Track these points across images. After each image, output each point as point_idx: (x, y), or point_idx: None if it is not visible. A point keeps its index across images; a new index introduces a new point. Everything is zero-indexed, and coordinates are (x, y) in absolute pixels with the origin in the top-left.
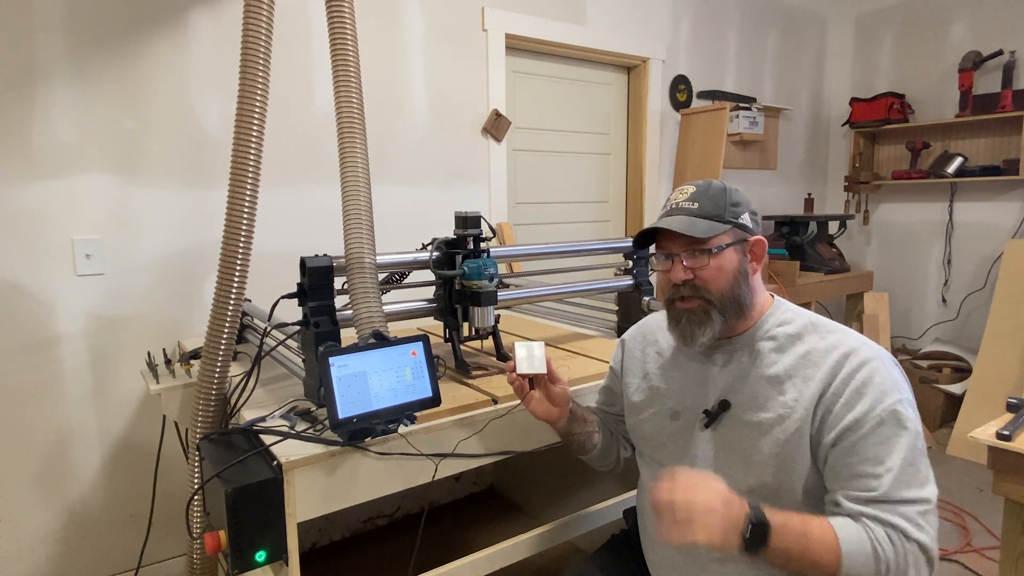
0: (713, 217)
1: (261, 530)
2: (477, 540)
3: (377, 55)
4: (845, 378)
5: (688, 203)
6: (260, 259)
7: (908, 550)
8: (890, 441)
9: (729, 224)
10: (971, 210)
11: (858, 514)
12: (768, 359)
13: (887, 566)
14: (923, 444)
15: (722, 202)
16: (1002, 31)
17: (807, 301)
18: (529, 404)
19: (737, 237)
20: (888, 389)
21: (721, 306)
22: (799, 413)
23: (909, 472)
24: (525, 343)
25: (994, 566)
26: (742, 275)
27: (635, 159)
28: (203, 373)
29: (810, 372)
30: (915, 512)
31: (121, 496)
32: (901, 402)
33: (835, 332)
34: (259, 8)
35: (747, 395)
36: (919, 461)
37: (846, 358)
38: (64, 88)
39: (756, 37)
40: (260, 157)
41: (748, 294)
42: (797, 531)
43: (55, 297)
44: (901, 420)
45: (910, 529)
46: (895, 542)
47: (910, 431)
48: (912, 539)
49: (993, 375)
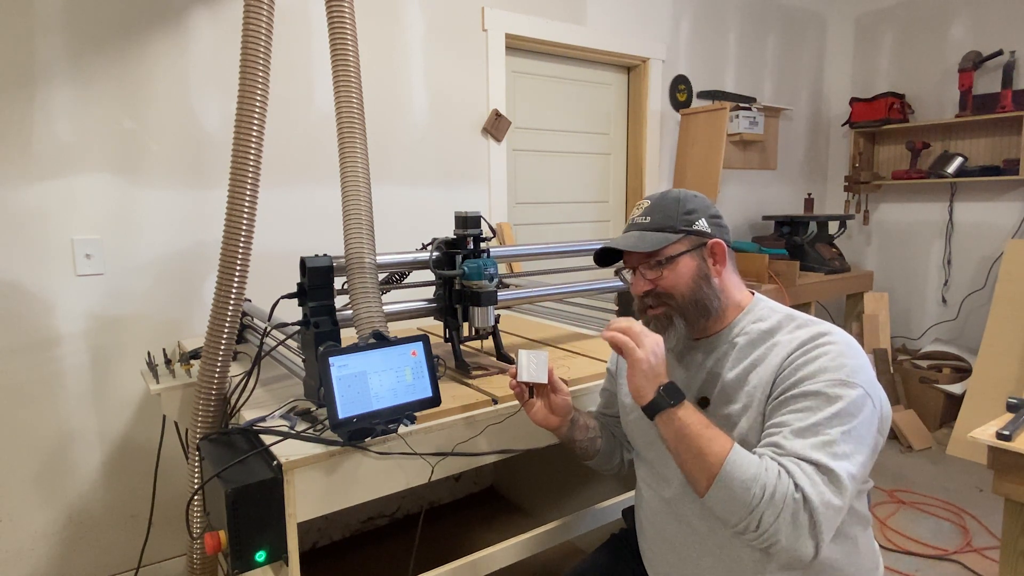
0: (665, 228)
1: (261, 530)
2: (477, 540)
3: (377, 55)
4: (796, 356)
5: (641, 218)
6: (260, 259)
7: (791, 494)
8: (808, 411)
9: (682, 232)
10: (971, 210)
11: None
12: (741, 354)
13: (763, 492)
14: (858, 429)
15: (674, 212)
16: (1002, 31)
17: (807, 301)
18: (529, 411)
19: (693, 244)
20: (832, 367)
21: (683, 311)
22: (757, 398)
23: (819, 436)
24: (529, 351)
25: (994, 566)
26: (702, 279)
27: (635, 159)
28: (203, 373)
29: (771, 359)
30: (813, 471)
31: (121, 496)
32: (841, 383)
33: (809, 325)
34: (259, 8)
35: (720, 390)
36: (837, 435)
37: (806, 343)
38: (64, 88)
39: (756, 37)
40: (260, 157)
41: (712, 296)
42: (703, 420)
43: (55, 297)
44: (830, 397)
45: (801, 479)
46: (782, 478)
47: (838, 407)
48: (800, 488)
49: (993, 375)
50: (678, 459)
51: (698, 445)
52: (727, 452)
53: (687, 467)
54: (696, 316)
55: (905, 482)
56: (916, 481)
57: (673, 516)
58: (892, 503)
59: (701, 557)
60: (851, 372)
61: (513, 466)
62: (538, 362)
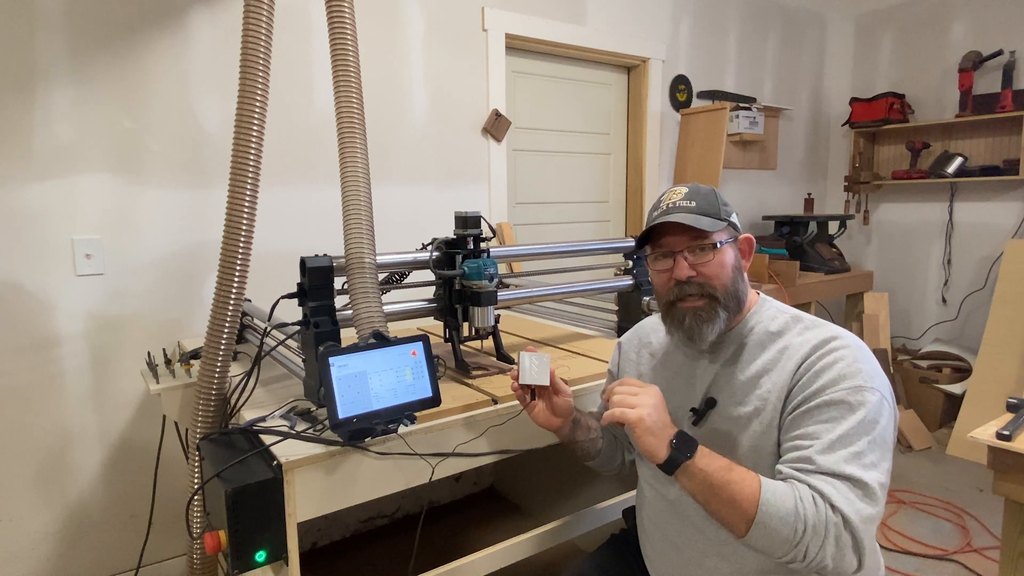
0: (711, 214)
1: (261, 530)
2: (477, 540)
3: (377, 55)
4: (812, 362)
5: (685, 202)
6: (260, 259)
7: (831, 519)
8: (833, 421)
9: (724, 222)
10: (971, 210)
11: (790, 477)
12: (750, 355)
13: (805, 525)
14: (881, 435)
15: (715, 201)
16: (1002, 31)
17: (807, 301)
18: (531, 413)
19: (731, 235)
20: (848, 374)
21: (725, 301)
22: (772, 404)
23: (848, 448)
24: (531, 353)
25: (994, 566)
26: (738, 271)
27: (635, 159)
28: (203, 373)
29: (784, 363)
30: (847, 488)
31: (121, 496)
32: (861, 389)
33: (816, 327)
34: (259, 8)
35: (730, 391)
36: (864, 445)
37: (818, 347)
38: (64, 88)
39: (756, 37)
40: (260, 157)
41: (745, 290)
42: (723, 463)
43: (55, 297)
44: (853, 405)
45: (837, 499)
46: (819, 505)
47: (861, 415)
48: (838, 510)
49: (993, 375)
50: (708, 508)
51: (728, 493)
52: (758, 492)
53: (720, 515)
54: (735, 308)
55: (905, 482)
56: (916, 481)
57: (676, 516)
58: (892, 503)
59: (705, 557)
60: (868, 377)
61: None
62: (540, 364)
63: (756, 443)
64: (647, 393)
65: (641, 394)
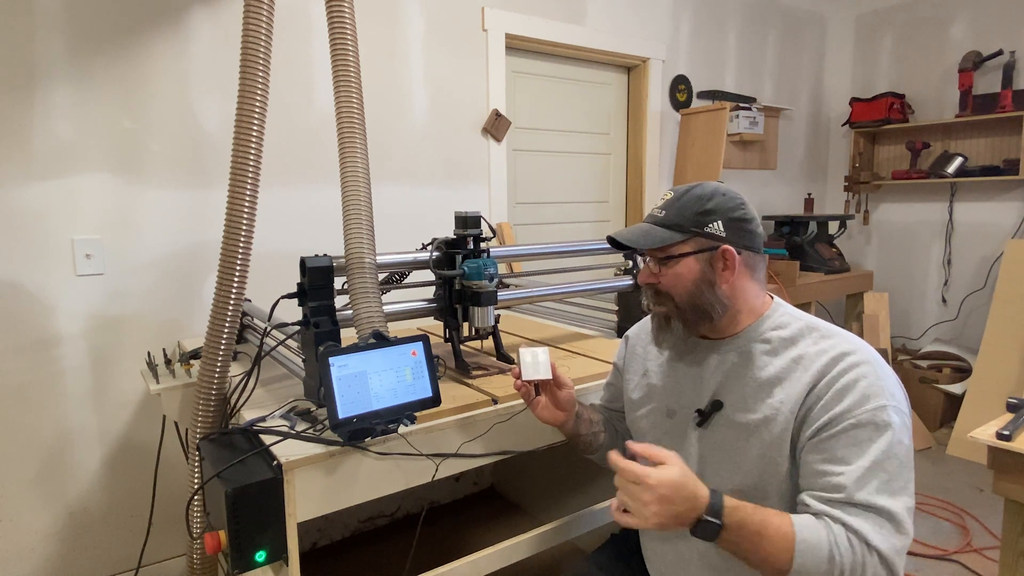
0: (673, 227)
1: (261, 530)
2: (477, 540)
3: (377, 55)
4: (831, 379)
5: (658, 211)
6: (260, 259)
7: (868, 561)
8: (863, 445)
9: (690, 234)
10: (971, 210)
11: (822, 513)
12: (760, 361)
13: (841, 571)
14: (907, 455)
15: (689, 211)
16: (1002, 31)
17: (807, 301)
18: (535, 409)
19: (700, 246)
20: (873, 393)
21: (680, 313)
22: (784, 415)
23: (879, 477)
24: (529, 349)
25: (994, 566)
26: (704, 284)
27: (635, 159)
28: (203, 373)
29: (799, 375)
30: (883, 522)
31: (121, 496)
32: (885, 409)
33: (832, 337)
34: (259, 8)
35: (738, 396)
36: (894, 469)
37: (836, 361)
38: (64, 88)
39: (756, 37)
40: (260, 157)
41: (714, 302)
42: (751, 530)
43: (55, 297)
44: (880, 426)
45: (872, 536)
46: (855, 547)
47: (889, 437)
48: (873, 547)
49: (993, 375)
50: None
51: (761, 556)
52: (793, 544)
53: (756, 566)
54: (696, 320)
55: None
56: (916, 481)
57: None
58: None
59: (704, 556)
60: (891, 395)
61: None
62: (540, 359)
63: (765, 452)
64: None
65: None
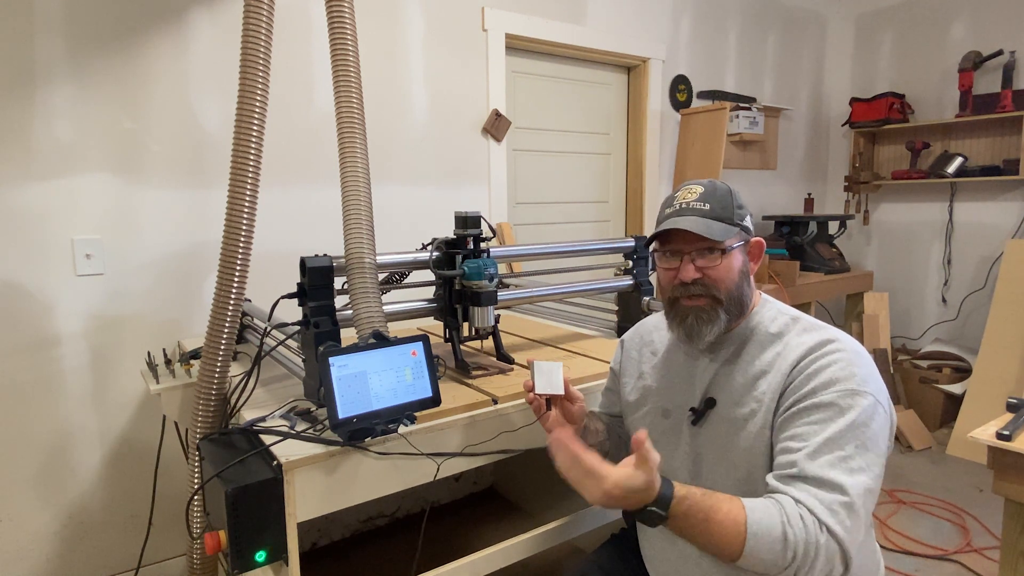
0: (724, 219)
1: (261, 530)
2: (477, 540)
3: (377, 55)
4: (804, 364)
5: (699, 203)
6: (260, 259)
7: (819, 538)
8: (823, 423)
9: (737, 227)
10: (971, 210)
11: (776, 490)
12: (749, 356)
13: (795, 552)
14: (872, 440)
15: (729, 204)
16: (1002, 31)
17: (807, 301)
18: (546, 423)
19: (742, 238)
20: (841, 377)
21: (728, 304)
22: (766, 405)
23: (834, 452)
24: (544, 362)
25: (994, 566)
26: (744, 275)
27: (635, 159)
28: (203, 373)
29: (780, 364)
30: (834, 499)
31: (121, 496)
32: (853, 393)
33: (815, 329)
34: (259, 8)
35: (729, 392)
36: (852, 448)
37: (813, 349)
38: (64, 88)
39: (756, 37)
40: (260, 157)
41: (749, 294)
42: (699, 517)
43: (55, 297)
44: (843, 408)
45: (823, 514)
46: (807, 524)
47: (850, 418)
48: (823, 524)
49: (993, 375)
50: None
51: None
52: (744, 528)
53: (709, 552)
54: (738, 312)
55: (905, 482)
56: (916, 481)
57: None
58: (892, 503)
59: (703, 556)
60: (861, 381)
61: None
62: (554, 373)
63: (751, 445)
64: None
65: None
